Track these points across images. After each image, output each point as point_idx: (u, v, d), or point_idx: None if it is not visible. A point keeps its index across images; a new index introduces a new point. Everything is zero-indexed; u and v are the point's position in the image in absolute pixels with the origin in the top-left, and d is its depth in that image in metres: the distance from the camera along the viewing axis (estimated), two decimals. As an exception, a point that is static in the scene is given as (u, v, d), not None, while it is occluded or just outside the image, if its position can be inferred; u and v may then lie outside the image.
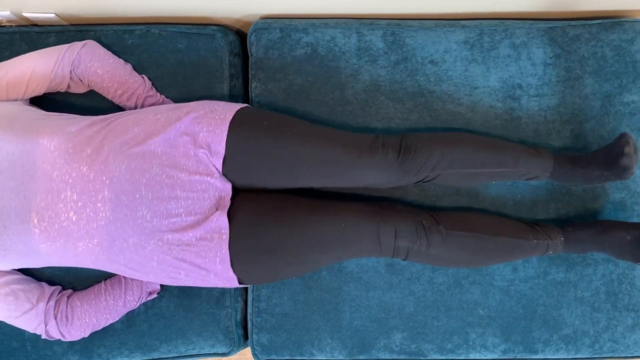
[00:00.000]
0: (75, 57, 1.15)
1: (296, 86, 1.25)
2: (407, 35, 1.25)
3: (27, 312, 1.09)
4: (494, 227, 1.13)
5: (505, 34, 1.25)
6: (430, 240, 1.09)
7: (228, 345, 1.26)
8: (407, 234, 1.08)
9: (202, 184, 1.01)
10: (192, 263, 1.02)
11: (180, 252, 1.01)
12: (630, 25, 1.24)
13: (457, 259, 1.12)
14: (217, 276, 1.04)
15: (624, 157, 1.07)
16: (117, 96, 1.19)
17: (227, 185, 1.04)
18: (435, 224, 1.10)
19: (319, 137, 1.07)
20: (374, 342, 1.25)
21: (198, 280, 1.06)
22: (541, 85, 1.24)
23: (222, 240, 1.01)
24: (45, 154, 1.00)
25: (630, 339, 1.23)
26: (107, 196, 0.98)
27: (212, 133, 1.02)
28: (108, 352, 1.25)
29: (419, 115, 1.24)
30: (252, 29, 1.26)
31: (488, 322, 1.24)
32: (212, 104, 1.09)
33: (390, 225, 1.08)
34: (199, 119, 1.03)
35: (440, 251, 1.09)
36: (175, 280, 1.07)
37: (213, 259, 1.01)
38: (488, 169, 1.11)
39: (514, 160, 1.11)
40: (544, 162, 1.13)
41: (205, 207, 1.01)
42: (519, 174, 1.13)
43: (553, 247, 1.14)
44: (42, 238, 0.99)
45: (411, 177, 1.10)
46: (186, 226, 1.00)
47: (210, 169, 1.02)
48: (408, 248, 1.09)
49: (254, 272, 1.07)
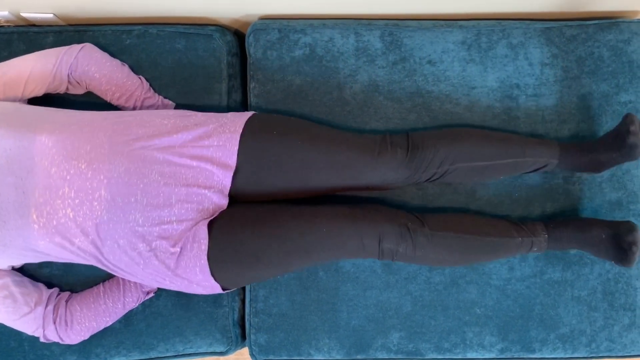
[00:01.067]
0: (72, 61, 1.15)
1: (294, 87, 1.26)
2: (405, 36, 1.25)
3: (25, 316, 1.09)
4: (479, 227, 1.13)
5: (503, 34, 1.25)
6: (415, 242, 1.08)
7: (226, 345, 1.26)
8: (392, 237, 1.08)
9: (198, 196, 1.01)
10: (174, 272, 1.02)
11: (166, 259, 1.01)
12: (626, 25, 1.25)
13: (443, 259, 1.12)
14: (199, 285, 1.05)
15: (631, 135, 1.07)
16: (115, 99, 1.19)
17: (223, 201, 1.04)
18: (420, 225, 1.10)
19: (330, 141, 1.08)
20: (372, 342, 1.25)
21: (182, 287, 1.07)
22: (538, 85, 1.25)
23: (200, 250, 1.00)
24: (43, 150, 1.00)
25: (627, 338, 1.24)
26: (103, 196, 0.99)
27: (223, 147, 1.02)
28: (106, 351, 1.25)
29: (417, 116, 1.25)
30: (251, 29, 1.27)
31: (485, 322, 1.24)
32: (220, 117, 1.09)
33: (373, 228, 1.07)
34: (208, 133, 1.03)
35: (426, 252, 1.09)
36: (162, 285, 1.08)
37: (193, 268, 1.01)
38: (496, 160, 1.12)
39: (521, 150, 1.12)
40: (551, 149, 1.13)
41: (197, 217, 1.02)
42: (527, 164, 1.13)
43: (537, 243, 1.15)
44: (41, 234, 1.00)
45: (420, 175, 1.11)
46: (175, 234, 1.00)
47: (210, 183, 1.02)
48: (393, 250, 1.09)
49: (236, 279, 1.07)
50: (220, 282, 1.05)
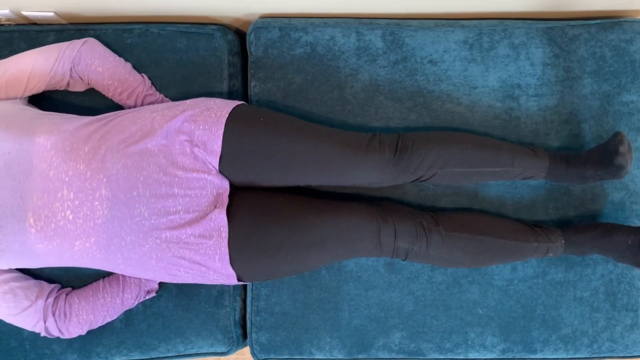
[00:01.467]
0: (75, 54, 1.14)
1: (295, 85, 1.25)
2: (406, 35, 1.25)
3: (26, 310, 1.09)
4: (495, 229, 1.13)
5: (504, 34, 1.25)
6: (429, 241, 1.09)
7: (227, 345, 1.26)
8: (406, 235, 1.08)
9: (199, 181, 1.01)
10: (191, 260, 1.02)
11: (179, 250, 1.01)
12: (629, 25, 1.25)
13: (456, 260, 1.12)
14: (215, 272, 1.04)
15: (619, 156, 1.07)
16: (116, 94, 1.19)
17: (224, 182, 1.04)
18: (435, 225, 1.10)
19: (315, 135, 1.07)
20: (373, 341, 1.24)
21: (197, 276, 1.06)
22: (540, 85, 1.24)
23: (221, 238, 1.01)
24: (41, 153, 0.99)
25: (629, 338, 1.23)
26: (104, 194, 0.98)
27: (208, 131, 1.02)
28: (107, 351, 1.24)
29: (418, 115, 1.25)
30: (252, 28, 1.26)
31: (487, 322, 1.24)
32: (208, 101, 1.09)
33: (390, 226, 1.08)
34: (194, 117, 1.03)
35: (440, 252, 1.09)
36: (174, 277, 1.07)
37: (212, 256, 1.01)
38: (484, 167, 1.11)
39: (510, 160, 1.11)
40: (541, 162, 1.13)
41: (204, 204, 1.01)
42: (514, 174, 1.13)
43: (553, 249, 1.14)
44: (39, 238, 0.99)
45: (407, 176, 1.10)
46: (184, 224, 1.00)
47: (207, 167, 1.02)
48: (407, 249, 1.09)
49: (253, 270, 1.07)
50: (238, 271, 1.04)
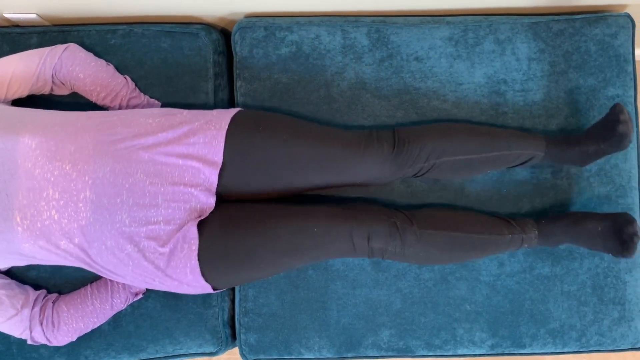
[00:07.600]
0: (57, 61, 1.13)
1: (281, 85, 1.25)
2: (391, 32, 1.25)
3: (12, 318, 1.08)
4: (468, 224, 1.13)
5: (490, 30, 1.25)
6: (404, 240, 1.08)
7: (216, 345, 1.26)
8: (381, 235, 1.08)
9: (185, 195, 1.01)
10: (164, 273, 1.01)
11: (155, 260, 1.00)
12: (613, 19, 1.25)
13: (433, 257, 1.12)
14: (190, 286, 1.04)
15: (621, 124, 1.07)
16: (100, 99, 1.18)
17: (210, 200, 1.03)
18: (409, 224, 1.10)
19: (315, 136, 1.07)
20: (362, 340, 1.25)
21: (172, 288, 1.06)
22: (526, 80, 1.24)
23: (191, 251, 1.00)
24: (26, 152, 0.99)
25: (617, 332, 1.24)
26: (88, 197, 0.98)
27: (209, 145, 1.01)
28: (95, 353, 1.24)
29: (404, 113, 1.24)
30: (236, 27, 1.26)
31: (475, 318, 1.24)
32: (206, 114, 1.08)
33: (363, 227, 1.07)
34: (193, 131, 1.02)
35: (416, 251, 1.09)
36: (151, 286, 1.07)
37: (183, 269, 1.01)
38: (482, 153, 1.11)
39: (506, 144, 1.12)
40: (536, 142, 1.13)
41: (184, 217, 1.01)
42: (513, 157, 1.13)
43: (528, 240, 1.14)
44: (25, 236, 0.99)
45: (406, 170, 1.11)
46: (163, 234, 0.99)
47: (196, 181, 1.01)
48: (382, 249, 1.09)
49: (227, 280, 1.07)
50: (211, 282, 1.04)
